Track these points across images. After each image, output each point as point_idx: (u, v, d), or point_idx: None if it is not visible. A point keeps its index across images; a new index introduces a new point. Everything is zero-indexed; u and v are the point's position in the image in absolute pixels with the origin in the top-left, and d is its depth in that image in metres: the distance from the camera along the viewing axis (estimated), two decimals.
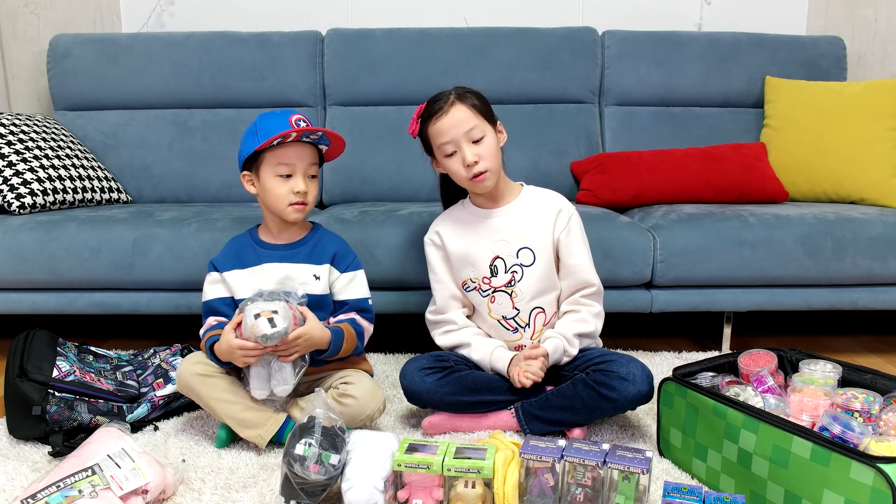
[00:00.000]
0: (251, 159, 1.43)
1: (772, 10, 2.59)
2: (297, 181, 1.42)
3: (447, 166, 1.48)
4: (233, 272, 1.47)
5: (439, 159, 1.49)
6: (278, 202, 1.42)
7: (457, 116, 1.43)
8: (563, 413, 1.41)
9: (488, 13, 2.58)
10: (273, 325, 1.27)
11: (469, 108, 1.44)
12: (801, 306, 1.92)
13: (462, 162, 1.43)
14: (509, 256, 1.50)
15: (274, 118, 1.40)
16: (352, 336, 1.43)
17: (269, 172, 1.42)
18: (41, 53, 2.57)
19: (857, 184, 2.12)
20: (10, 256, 1.82)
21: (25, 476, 1.30)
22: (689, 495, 1.07)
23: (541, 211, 1.52)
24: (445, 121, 1.43)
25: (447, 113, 1.43)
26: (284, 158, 1.41)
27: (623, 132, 2.42)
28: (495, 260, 1.50)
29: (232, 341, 1.30)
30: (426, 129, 1.47)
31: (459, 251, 1.53)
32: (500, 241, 1.51)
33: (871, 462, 0.96)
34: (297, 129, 1.38)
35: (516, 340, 1.52)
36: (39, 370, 1.43)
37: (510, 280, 1.49)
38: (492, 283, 1.50)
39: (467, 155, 1.42)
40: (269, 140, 1.37)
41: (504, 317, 1.51)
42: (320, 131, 1.42)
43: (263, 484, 1.27)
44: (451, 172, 1.48)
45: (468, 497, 1.12)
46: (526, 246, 1.49)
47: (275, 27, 2.50)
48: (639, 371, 1.37)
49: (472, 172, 1.43)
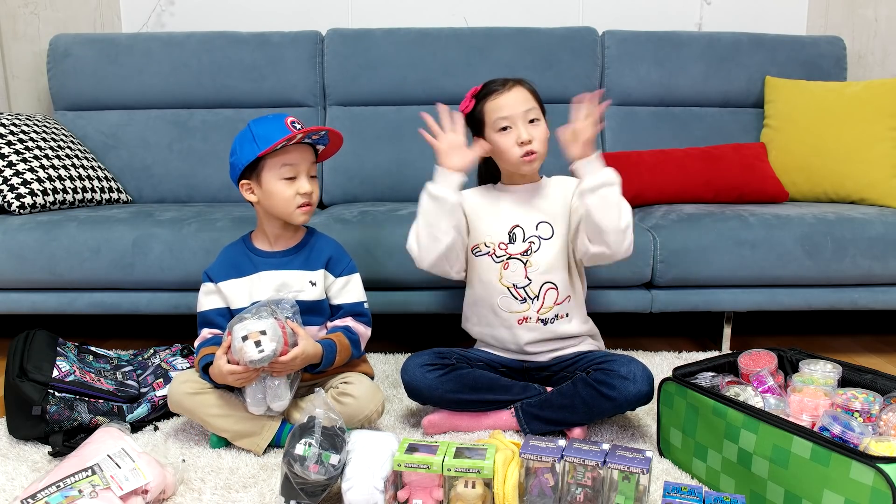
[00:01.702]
0: (250, 167, 1.41)
1: (772, 10, 2.58)
2: (303, 182, 1.42)
3: (498, 143, 1.47)
4: (228, 282, 1.46)
5: (491, 136, 1.48)
6: (287, 205, 1.42)
7: (518, 95, 1.47)
8: (563, 413, 1.41)
9: (488, 13, 2.58)
10: (260, 349, 1.25)
11: (528, 92, 1.49)
12: (801, 306, 1.92)
13: (516, 139, 1.45)
14: (528, 226, 1.51)
15: (269, 122, 1.39)
16: (345, 346, 1.42)
17: (273, 176, 1.40)
18: (41, 53, 2.57)
19: (857, 184, 2.12)
20: (10, 256, 1.82)
21: (25, 476, 1.30)
22: (689, 495, 1.07)
23: (562, 189, 1.55)
24: (506, 97, 1.46)
25: (509, 91, 1.47)
26: (289, 161, 1.40)
27: (623, 132, 2.42)
28: (514, 228, 1.51)
29: (223, 367, 1.30)
30: (482, 106, 1.48)
31: (477, 212, 1.54)
32: (521, 213, 1.52)
33: (871, 462, 0.96)
34: (302, 131, 1.37)
35: (522, 311, 1.50)
36: (39, 370, 1.43)
37: (527, 249, 1.50)
38: (508, 250, 1.51)
39: (522, 132, 1.44)
40: (275, 144, 1.35)
41: (515, 285, 1.50)
42: (323, 130, 1.42)
43: (263, 484, 1.27)
44: (501, 150, 1.48)
45: (468, 497, 1.12)
46: (546, 220, 1.51)
47: (275, 27, 2.50)
48: (639, 371, 1.37)
49: (524, 150, 1.45)
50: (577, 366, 1.49)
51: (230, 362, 1.30)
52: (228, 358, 1.30)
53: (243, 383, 1.32)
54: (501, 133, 1.46)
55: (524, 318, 1.50)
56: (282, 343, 1.29)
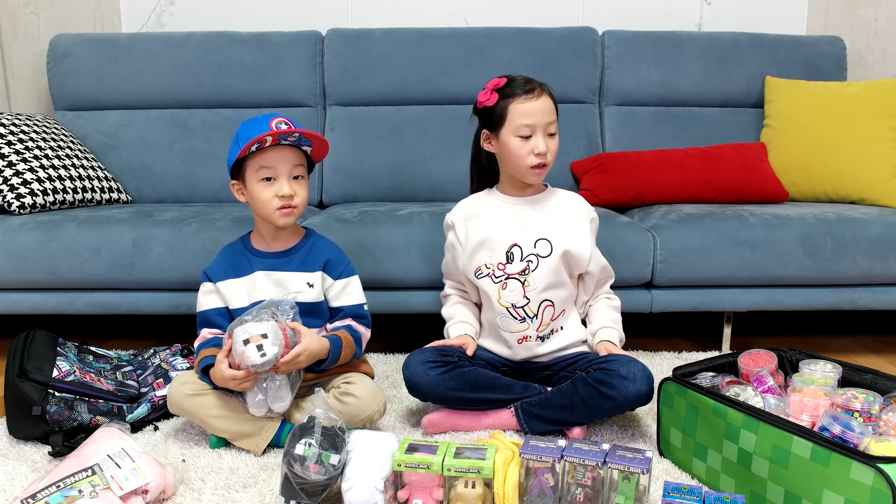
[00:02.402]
0: (237, 168, 1.41)
1: (772, 10, 2.59)
2: (282, 184, 1.40)
3: (512, 147, 1.46)
4: (226, 282, 1.45)
5: (506, 138, 1.46)
6: (265, 207, 1.41)
7: (546, 105, 1.45)
8: (562, 412, 1.41)
9: (488, 13, 2.58)
10: (262, 353, 1.25)
11: (552, 102, 1.47)
12: (801, 306, 1.92)
13: (532, 149, 1.44)
14: (526, 245, 1.50)
15: (254, 124, 1.38)
16: (350, 342, 1.42)
17: (253, 178, 1.40)
18: (41, 53, 2.57)
19: (857, 184, 2.12)
20: (10, 256, 1.82)
21: (25, 476, 1.30)
22: (689, 495, 1.07)
23: (567, 207, 1.54)
24: (536, 104, 1.44)
25: (539, 98, 1.44)
26: (265, 162, 1.39)
27: (623, 132, 2.42)
28: (512, 247, 1.51)
29: (225, 372, 1.29)
30: (506, 105, 1.45)
31: (477, 238, 1.53)
32: (519, 230, 1.51)
33: (871, 462, 0.96)
34: (273, 133, 1.34)
35: (522, 331, 1.51)
36: (39, 370, 1.43)
37: (524, 269, 1.49)
38: (506, 270, 1.50)
39: (540, 144, 1.43)
40: (247, 146, 1.34)
41: (514, 304, 1.50)
42: (297, 132, 1.38)
43: (263, 484, 1.27)
44: (512, 155, 1.47)
45: (468, 497, 1.12)
46: (545, 237, 1.50)
47: (275, 27, 2.50)
48: (639, 371, 1.37)
49: (536, 161, 1.44)
50: (578, 365, 1.49)
51: (231, 366, 1.30)
52: (230, 361, 1.30)
53: (244, 388, 1.32)
54: (518, 139, 1.45)
55: (524, 338, 1.52)
56: (283, 346, 1.29)
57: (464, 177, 1.66)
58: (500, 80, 1.48)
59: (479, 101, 1.49)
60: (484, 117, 1.51)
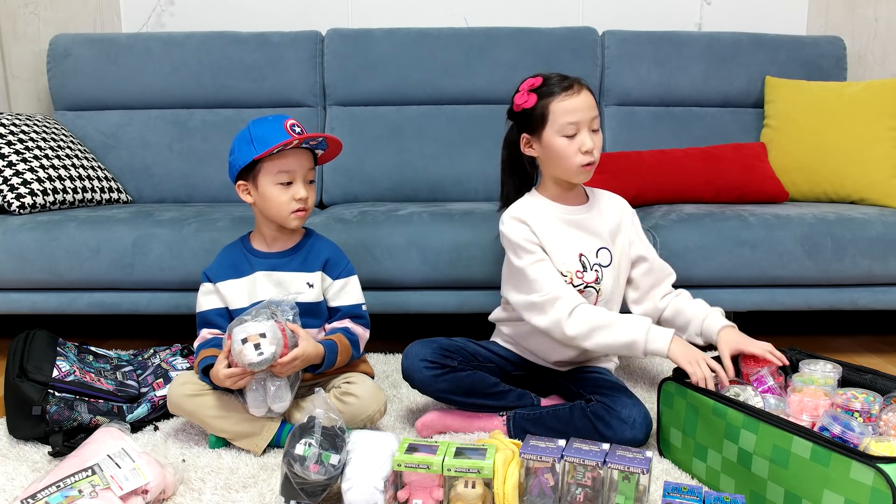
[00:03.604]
0: (247, 168, 1.40)
1: (772, 10, 2.58)
2: (299, 188, 1.40)
3: (558, 147, 1.38)
4: (226, 282, 1.45)
5: (549, 139, 1.38)
6: (281, 210, 1.41)
7: (588, 100, 1.38)
8: (553, 434, 1.33)
9: (488, 13, 2.58)
10: (259, 351, 1.25)
11: (592, 96, 1.40)
12: (801, 306, 1.92)
13: (580, 147, 1.37)
14: (590, 254, 1.45)
15: (268, 125, 1.38)
16: (346, 347, 1.42)
17: (269, 181, 1.39)
18: (41, 53, 2.57)
19: (857, 184, 2.12)
20: (10, 256, 1.82)
21: (25, 476, 1.30)
22: (689, 495, 1.07)
23: (611, 209, 1.51)
24: (578, 100, 1.37)
25: (579, 94, 1.38)
26: (285, 166, 1.39)
27: (623, 132, 2.42)
28: (581, 256, 1.44)
29: (220, 372, 1.29)
30: (547, 105, 1.37)
31: (550, 243, 1.43)
32: (580, 239, 1.45)
33: (871, 462, 0.96)
34: (299, 137, 1.36)
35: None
36: (39, 370, 1.43)
37: (596, 278, 1.44)
38: (584, 278, 1.43)
39: (587, 140, 1.36)
40: (271, 149, 1.34)
41: None
42: (320, 137, 1.41)
43: (263, 484, 1.27)
44: (561, 156, 1.38)
45: (468, 497, 1.12)
46: (604, 246, 1.46)
47: (275, 27, 2.50)
48: (640, 417, 1.33)
49: (585, 160, 1.37)
50: (585, 383, 1.46)
51: (230, 366, 1.30)
52: (229, 361, 1.30)
53: (240, 386, 1.32)
54: (564, 139, 1.37)
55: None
56: (281, 345, 1.29)
57: (464, 177, 1.65)
58: (534, 79, 1.41)
59: (516, 104, 1.42)
60: (522, 121, 1.43)
